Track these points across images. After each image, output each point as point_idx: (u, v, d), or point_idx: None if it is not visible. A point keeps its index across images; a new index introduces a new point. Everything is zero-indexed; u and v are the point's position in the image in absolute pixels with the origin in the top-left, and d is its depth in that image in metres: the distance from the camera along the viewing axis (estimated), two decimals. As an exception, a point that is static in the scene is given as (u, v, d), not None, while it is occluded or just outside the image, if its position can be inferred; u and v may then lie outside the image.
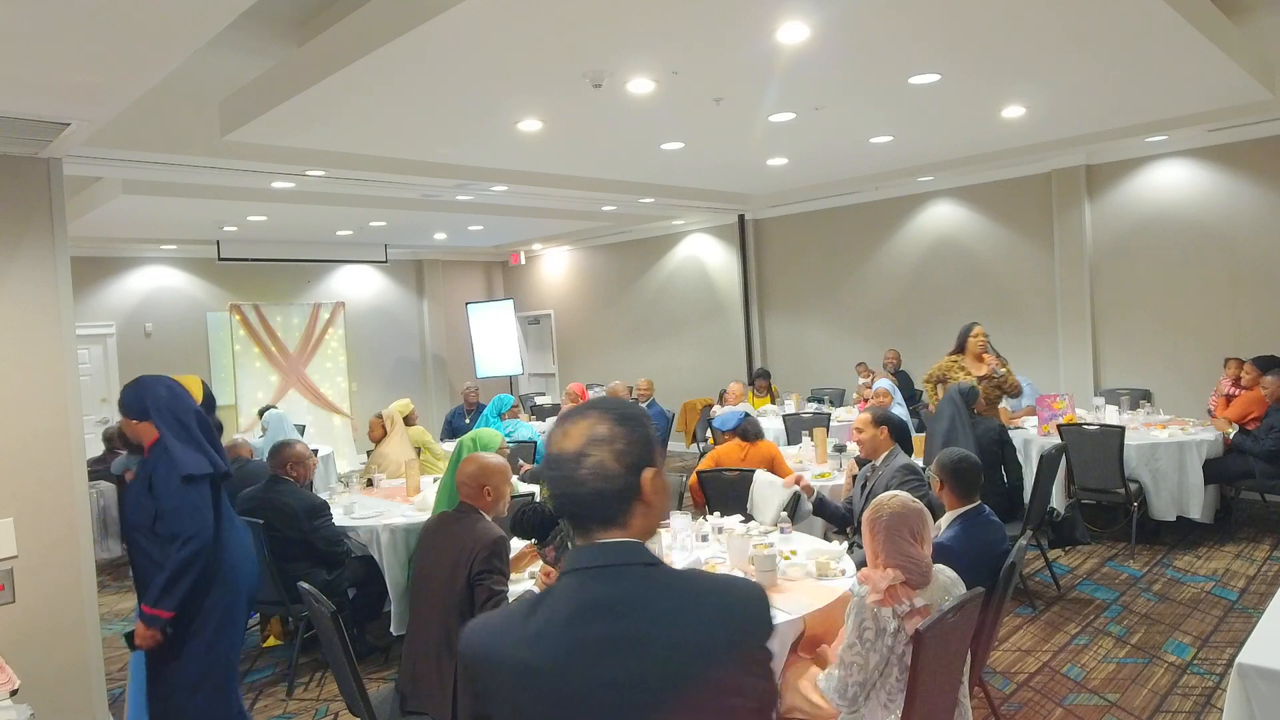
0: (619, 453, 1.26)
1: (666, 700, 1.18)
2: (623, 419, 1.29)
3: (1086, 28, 4.27)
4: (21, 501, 3.32)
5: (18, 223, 3.37)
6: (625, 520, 1.27)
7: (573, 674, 1.20)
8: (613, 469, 1.25)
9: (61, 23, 2.29)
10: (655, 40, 4.05)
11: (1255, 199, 6.98)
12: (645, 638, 1.20)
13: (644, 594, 1.23)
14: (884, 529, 2.49)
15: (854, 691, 2.43)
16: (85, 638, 3.50)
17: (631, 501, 1.27)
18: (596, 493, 1.25)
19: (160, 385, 3.12)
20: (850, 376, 9.35)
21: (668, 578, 1.27)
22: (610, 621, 1.21)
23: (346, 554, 4.57)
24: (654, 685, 1.19)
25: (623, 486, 1.26)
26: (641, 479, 1.27)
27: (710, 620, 1.22)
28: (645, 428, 1.30)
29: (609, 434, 1.26)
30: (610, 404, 1.32)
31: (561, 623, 1.22)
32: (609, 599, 1.22)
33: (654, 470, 1.28)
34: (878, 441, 4.25)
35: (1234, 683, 1.97)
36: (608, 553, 1.26)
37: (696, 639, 1.20)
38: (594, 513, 1.27)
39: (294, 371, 11.08)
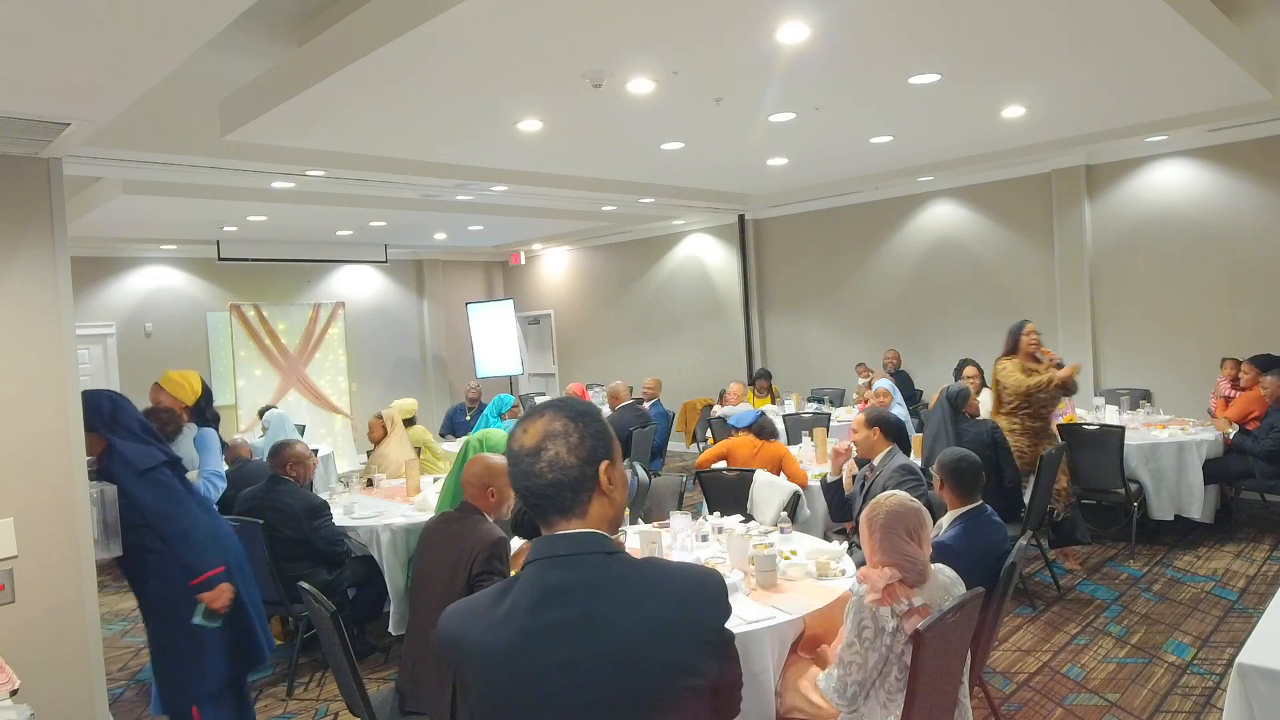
0: (573, 446, 1.34)
1: (618, 680, 1.26)
2: (577, 416, 1.37)
3: (1086, 28, 4.27)
4: (21, 501, 3.31)
5: (18, 223, 3.37)
6: (583, 510, 1.35)
7: (530, 656, 1.28)
8: (568, 461, 1.33)
9: (61, 23, 2.29)
10: (655, 40, 4.05)
11: (1255, 199, 6.98)
12: (599, 621, 1.27)
13: (600, 580, 1.30)
14: (880, 527, 2.50)
15: (853, 690, 2.43)
16: (85, 638, 3.50)
17: (588, 492, 1.35)
18: (554, 484, 1.33)
19: (102, 398, 3.31)
20: (850, 376, 9.35)
21: (624, 565, 1.34)
22: (566, 606, 1.28)
23: (346, 554, 4.57)
24: (606, 666, 1.26)
25: (578, 477, 1.34)
26: (598, 471, 1.35)
27: (663, 604, 1.29)
28: (599, 424, 1.39)
29: (563, 429, 1.35)
30: (565, 403, 1.41)
31: (523, 609, 1.30)
32: (566, 585, 1.30)
33: (609, 463, 1.36)
34: (872, 442, 4.27)
35: (1234, 683, 1.97)
36: (566, 542, 1.34)
37: (649, 622, 1.27)
38: (552, 504, 1.35)
39: (294, 371, 11.08)
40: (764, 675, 2.76)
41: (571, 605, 1.29)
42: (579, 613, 1.29)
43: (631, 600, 1.30)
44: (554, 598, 1.30)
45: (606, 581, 1.31)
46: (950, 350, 8.57)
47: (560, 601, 1.30)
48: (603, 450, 1.37)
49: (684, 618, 1.30)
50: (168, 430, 3.72)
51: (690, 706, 1.30)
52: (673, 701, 1.28)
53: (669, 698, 1.28)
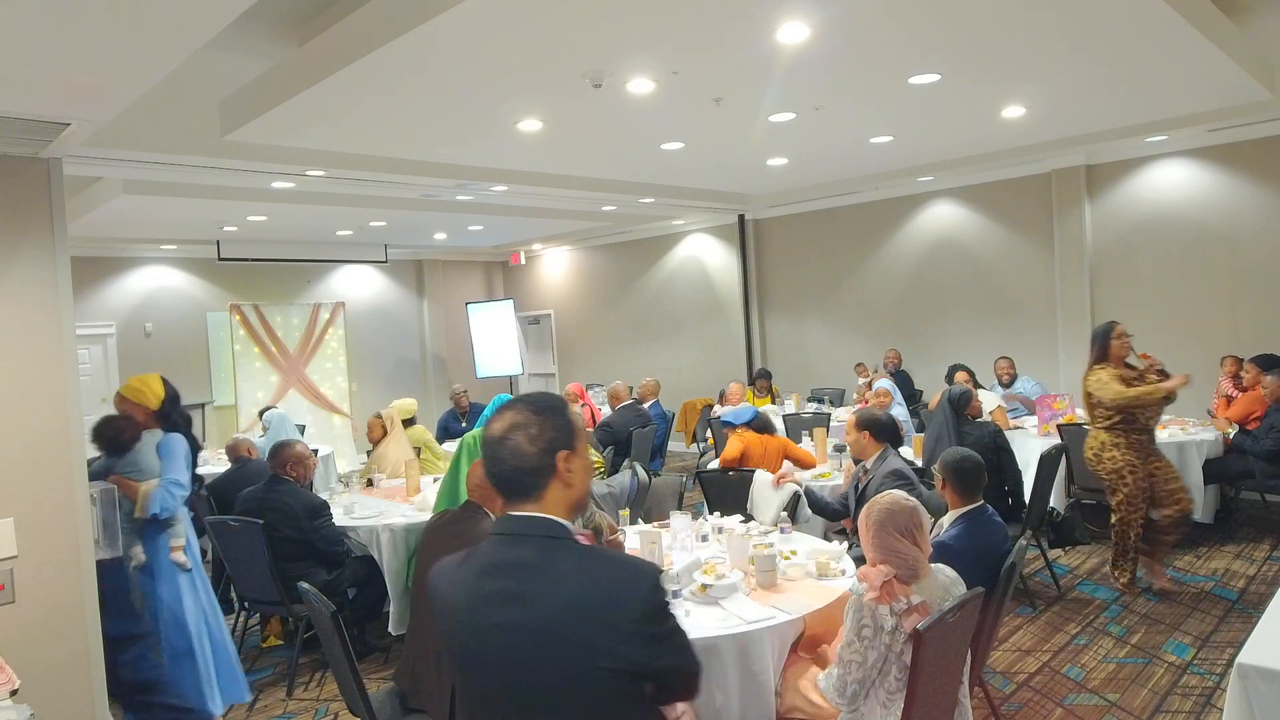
0: (533, 437, 1.52)
1: (540, 651, 1.44)
2: (540, 410, 1.55)
3: (1086, 28, 4.27)
4: (21, 501, 3.32)
5: (18, 223, 3.37)
6: (540, 495, 1.53)
7: (476, 615, 1.50)
8: (527, 450, 1.51)
9: (61, 23, 2.29)
10: (655, 40, 4.05)
11: (1255, 199, 6.98)
12: (530, 596, 1.46)
13: (538, 560, 1.48)
14: (874, 525, 2.53)
15: (853, 689, 2.43)
16: (85, 638, 3.50)
17: (545, 478, 1.52)
18: (514, 469, 1.52)
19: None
20: (850, 376, 9.35)
21: (564, 549, 1.50)
22: (506, 578, 1.49)
23: (346, 554, 4.57)
24: (532, 637, 1.45)
25: (537, 465, 1.51)
26: (555, 460, 1.52)
27: (588, 589, 1.45)
28: (561, 417, 1.55)
29: (525, 421, 1.53)
30: (533, 398, 1.59)
31: (475, 573, 1.53)
32: (510, 560, 1.51)
33: (568, 453, 1.53)
34: (863, 445, 4.29)
35: (1234, 683, 1.97)
36: (519, 523, 1.53)
37: (571, 603, 1.43)
38: (513, 487, 1.53)
39: (294, 371, 11.08)
40: (764, 675, 2.76)
41: (511, 578, 1.48)
42: (515, 586, 1.47)
43: (561, 581, 1.46)
44: (498, 569, 1.50)
45: (544, 562, 1.48)
46: (950, 350, 8.59)
47: (503, 574, 1.49)
48: (561, 441, 1.53)
49: (605, 604, 1.43)
50: (124, 439, 3.65)
51: (611, 687, 1.44)
52: (589, 679, 1.43)
53: (585, 675, 1.43)
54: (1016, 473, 4.99)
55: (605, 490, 4.95)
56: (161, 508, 3.56)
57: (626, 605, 1.44)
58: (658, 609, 1.48)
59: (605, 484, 5.03)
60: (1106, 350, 4.90)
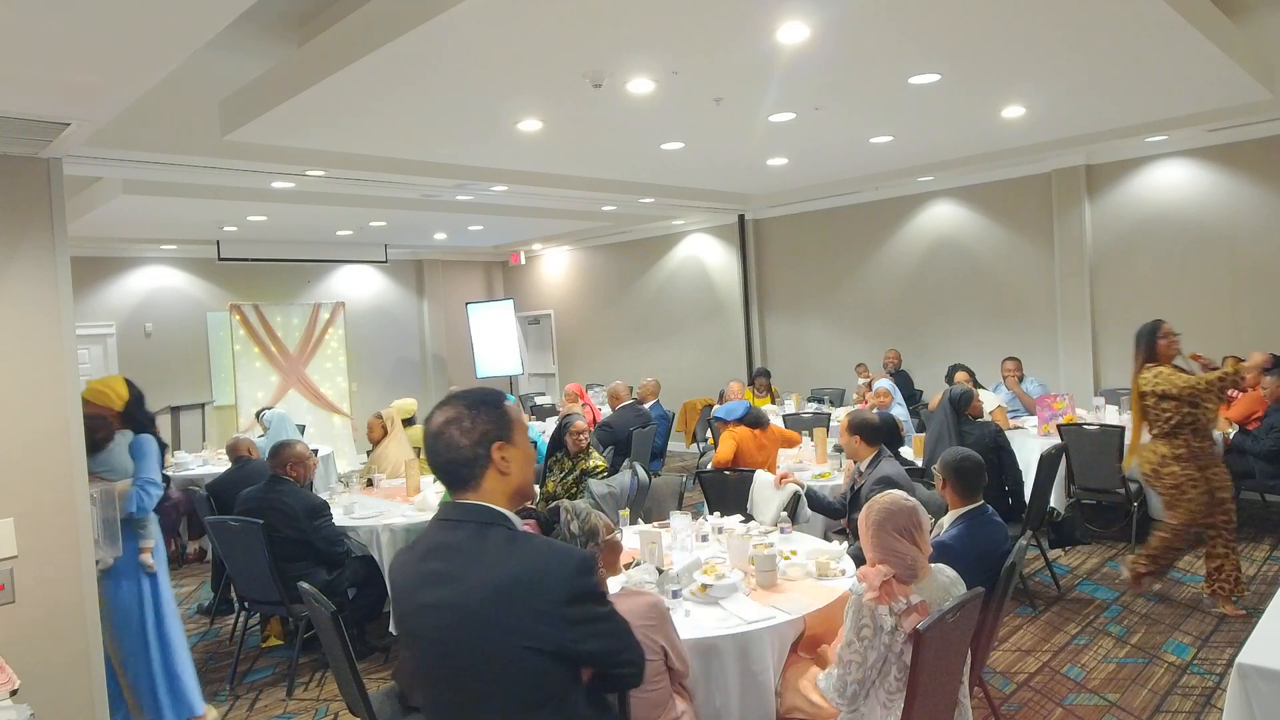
0: (465, 430, 1.62)
1: (464, 629, 1.54)
2: (472, 404, 1.64)
3: (1086, 28, 4.27)
4: (21, 501, 3.31)
5: (18, 223, 3.37)
6: (477, 484, 1.63)
7: (412, 594, 1.62)
8: (460, 443, 1.61)
9: (61, 23, 2.29)
10: (655, 40, 4.05)
11: (1255, 199, 6.98)
12: (458, 577, 1.56)
13: (469, 545, 1.58)
14: (873, 525, 2.53)
15: (853, 689, 2.43)
16: (85, 638, 3.50)
17: (481, 469, 1.62)
18: (449, 461, 1.62)
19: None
20: (850, 376, 9.35)
21: (494, 535, 1.59)
22: (440, 560, 1.60)
23: (347, 554, 4.57)
24: (457, 615, 1.54)
25: (470, 457, 1.61)
26: (490, 451, 1.62)
27: (510, 572, 1.53)
28: (495, 410, 1.65)
29: (458, 416, 1.63)
30: (467, 393, 1.68)
31: (416, 557, 1.65)
32: (445, 543, 1.61)
33: (502, 443, 1.63)
34: (855, 447, 4.30)
35: (1234, 683, 1.97)
36: (456, 510, 1.64)
37: (493, 585, 1.52)
38: (450, 478, 1.64)
39: (294, 371, 11.08)
40: (764, 675, 2.76)
41: (443, 560, 1.59)
42: (446, 567, 1.58)
43: (487, 565, 1.55)
44: (435, 552, 1.62)
45: (473, 547, 1.58)
46: (950, 350, 8.59)
47: (437, 556, 1.61)
48: (495, 433, 1.63)
49: (524, 587, 1.52)
50: (97, 438, 3.65)
51: (534, 666, 1.52)
52: (512, 658, 1.51)
53: (508, 654, 1.52)
54: (1017, 472, 4.98)
55: (605, 490, 4.95)
56: (138, 507, 3.61)
57: (548, 588, 1.52)
58: (582, 593, 1.55)
59: (605, 484, 5.02)
60: (1154, 349, 4.59)
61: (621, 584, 3.08)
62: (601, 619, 1.59)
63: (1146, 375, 4.51)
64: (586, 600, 1.56)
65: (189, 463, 7.52)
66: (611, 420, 7.55)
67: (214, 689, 4.38)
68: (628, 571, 3.21)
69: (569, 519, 2.56)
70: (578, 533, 2.53)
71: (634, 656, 1.66)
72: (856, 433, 4.28)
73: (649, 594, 2.62)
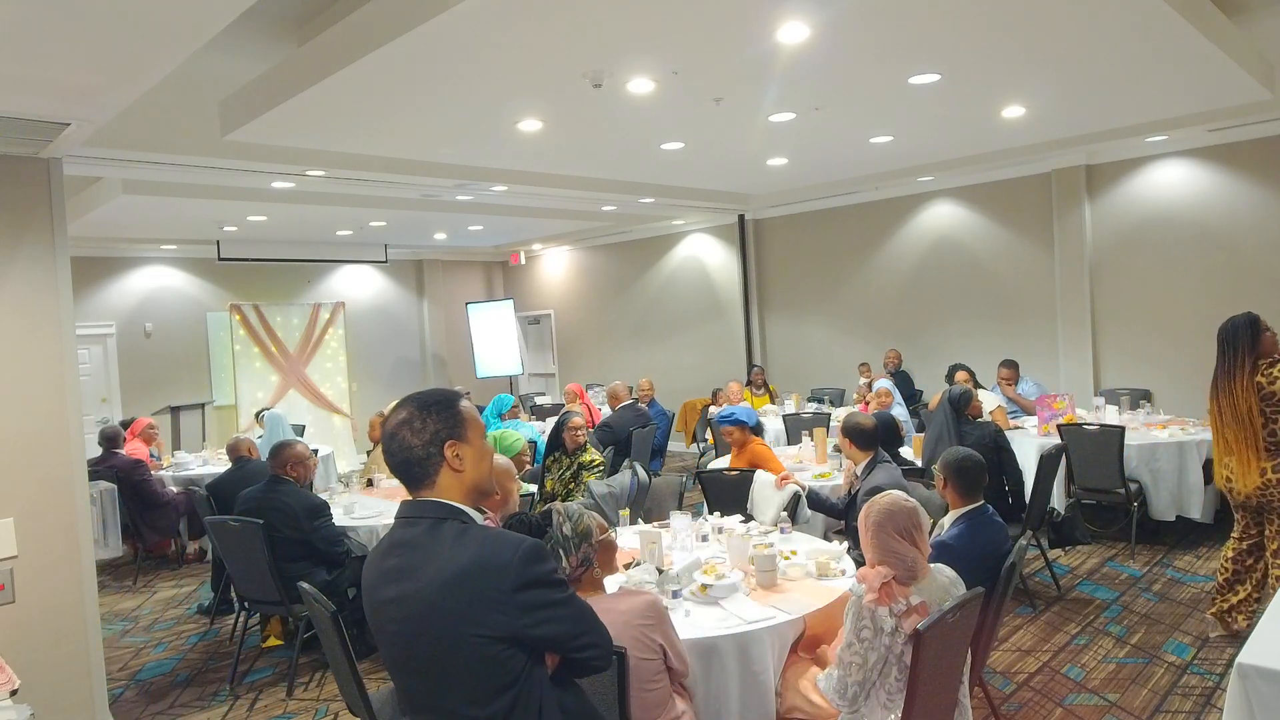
0: (416, 430, 1.67)
1: (421, 620, 1.59)
2: (424, 406, 1.69)
3: (1086, 28, 4.27)
4: (21, 501, 3.32)
5: (18, 223, 3.37)
6: (432, 482, 1.69)
7: (376, 590, 1.68)
8: (412, 443, 1.67)
9: (62, 23, 2.29)
10: (655, 40, 4.05)
11: (1255, 199, 6.98)
12: (414, 571, 1.61)
13: (423, 540, 1.64)
14: (873, 526, 2.53)
15: (853, 691, 2.43)
16: (85, 638, 3.50)
17: (435, 468, 1.68)
18: (404, 461, 1.68)
19: None
20: (850, 376, 9.35)
21: (447, 530, 1.64)
22: (399, 556, 1.66)
23: (347, 554, 4.57)
24: (414, 607, 1.60)
25: (422, 456, 1.67)
26: (442, 450, 1.67)
27: (460, 563, 1.58)
28: (446, 410, 1.69)
29: (409, 417, 1.68)
30: (420, 395, 1.73)
31: (379, 553, 1.72)
32: (403, 540, 1.68)
33: (454, 442, 1.68)
34: (849, 451, 4.30)
35: (1234, 683, 1.97)
36: (413, 507, 1.70)
37: (445, 576, 1.57)
38: (406, 477, 1.70)
39: (294, 371, 11.08)
40: (764, 675, 2.76)
41: (400, 556, 1.65)
42: (404, 563, 1.64)
43: (440, 558, 1.60)
44: (394, 549, 1.68)
45: (428, 541, 1.64)
46: (950, 350, 8.59)
47: (395, 552, 1.67)
48: (446, 433, 1.68)
49: (473, 577, 1.57)
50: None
51: (488, 654, 1.57)
52: (465, 646, 1.57)
53: (461, 643, 1.57)
54: (1017, 472, 4.98)
55: (605, 490, 4.95)
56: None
57: (495, 575, 1.57)
58: (531, 579, 1.59)
59: (605, 484, 5.02)
60: (1258, 344, 3.90)
61: (621, 584, 3.08)
62: (554, 604, 1.63)
63: (1274, 372, 3.81)
64: (536, 586, 1.60)
65: (189, 463, 7.52)
66: (611, 420, 7.55)
67: (214, 689, 4.39)
68: (628, 571, 3.21)
69: (561, 521, 2.56)
70: (571, 534, 2.52)
71: (595, 639, 1.70)
72: (848, 436, 4.28)
73: (648, 593, 2.62)
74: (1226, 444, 3.94)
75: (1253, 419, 3.82)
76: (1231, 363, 3.90)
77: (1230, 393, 3.88)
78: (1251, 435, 3.84)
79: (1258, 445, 3.83)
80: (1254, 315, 3.95)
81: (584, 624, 1.69)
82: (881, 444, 4.40)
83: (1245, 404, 3.83)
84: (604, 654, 1.74)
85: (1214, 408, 3.97)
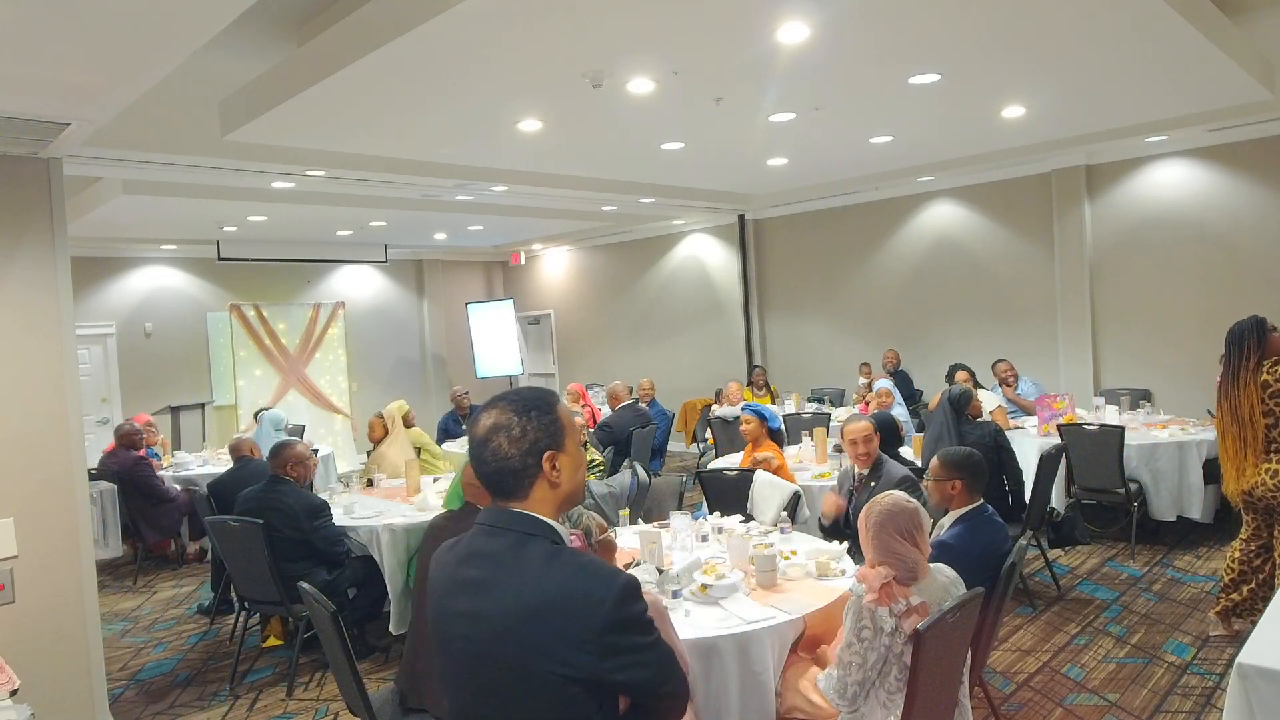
0: (514, 439, 1.51)
1: (495, 644, 1.46)
2: (523, 410, 1.53)
3: (1086, 28, 4.27)
4: (21, 501, 3.32)
5: (18, 223, 3.37)
6: (525, 494, 1.54)
7: (447, 598, 1.55)
8: (509, 452, 1.51)
9: (62, 22, 2.29)
10: (655, 40, 4.05)
11: (1255, 199, 6.98)
12: (495, 589, 1.47)
13: (509, 556, 1.49)
14: (873, 526, 2.53)
15: (853, 691, 2.43)
16: (85, 638, 3.50)
17: (530, 479, 1.53)
18: (497, 471, 1.52)
19: None
20: (850, 376, 9.35)
21: (535, 549, 1.49)
22: (478, 568, 1.52)
23: (347, 554, 4.57)
24: (489, 628, 1.46)
25: (519, 467, 1.52)
26: (540, 460, 1.52)
27: (547, 592, 1.44)
28: (547, 416, 1.54)
29: (507, 423, 1.52)
30: (517, 396, 1.57)
31: (455, 559, 1.57)
32: (484, 551, 1.53)
33: (553, 452, 1.53)
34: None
35: (1234, 683, 1.97)
36: (501, 516, 1.54)
37: (529, 604, 1.43)
38: (497, 487, 1.55)
39: (294, 371, 11.08)
40: (764, 675, 2.76)
41: (480, 568, 1.51)
42: (484, 576, 1.50)
43: (525, 580, 1.46)
44: (474, 559, 1.53)
45: (513, 559, 1.49)
46: (950, 350, 8.59)
47: (475, 563, 1.52)
48: (546, 442, 1.53)
49: (560, 610, 1.42)
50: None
51: (559, 692, 1.43)
52: (538, 680, 1.43)
53: (534, 676, 1.43)
54: (1018, 472, 4.98)
55: (605, 490, 4.95)
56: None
57: (586, 614, 1.42)
58: (623, 621, 1.44)
59: (605, 484, 5.03)
60: (1264, 345, 3.90)
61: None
62: (642, 649, 1.48)
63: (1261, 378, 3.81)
64: (627, 629, 1.45)
65: (189, 463, 7.52)
66: (611, 420, 7.55)
67: (214, 689, 4.39)
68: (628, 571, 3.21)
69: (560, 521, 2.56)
70: None
71: (676, 688, 1.55)
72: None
73: (647, 593, 2.61)
74: (1224, 448, 3.98)
75: (1254, 419, 3.84)
76: (1238, 364, 3.91)
77: (1234, 394, 3.89)
78: (1251, 435, 3.85)
79: (1256, 446, 3.85)
80: (1261, 318, 3.97)
81: (667, 671, 1.53)
82: (882, 445, 4.39)
83: (1248, 404, 3.85)
84: (682, 703, 1.58)
85: (1220, 411, 3.99)
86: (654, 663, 1.50)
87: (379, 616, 4.74)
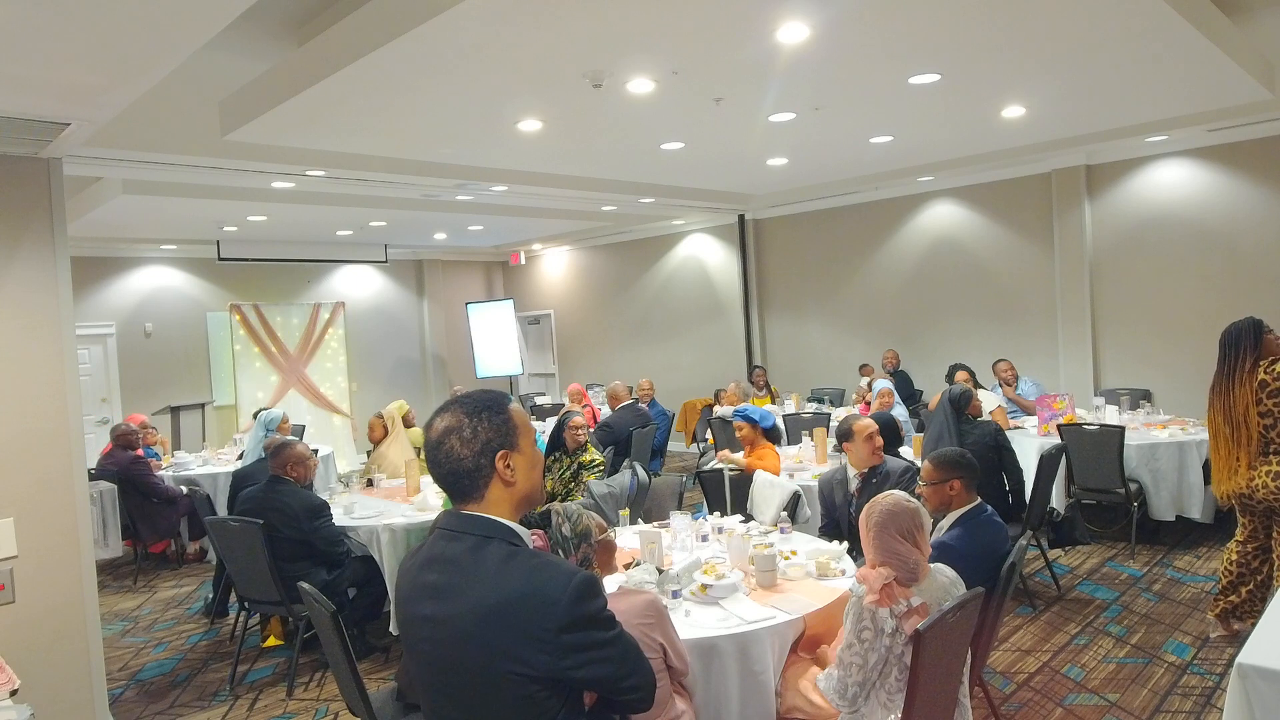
0: (466, 440, 1.54)
1: (457, 646, 1.48)
2: (474, 412, 1.56)
3: (1087, 28, 4.27)
4: (21, 501, 3.32)
5: (18, 223, 3.37)
6: (480, 495, 1.56)
7: (410, 604, 1.58)
8: (461, 454, 1.54)
9: (62, 22, 2.29)
10: (655, 40, 4.05)
11: (1255, 199, 6.98)
12: (454, 592, 1.50)
13: (467, 560, 1.51)
14: (874, 527, 2.52)
15: (854, 691, 2.43)
16: (85, 638, 3.50)
17: (484, 479, 1.55)
18: (451, 473, 1.55)
19: None
20: (850, 376, 9.35)
21: (493, 551, 1.51)
22: (438, 572, 1.54)
23: (347, 554, 4.57)
24: (451, 631, 1.49)
25: (473, 468, 1.54)
26: (493, 461, 1.54)
27: (505, 593, 1.46)
28: (498, 416, 1.56)
29: (459, 424, 1.55)
30: (469, 399, 1.59)
31: (417, 565, 1.60)
32: (444, 555, 1.55)
33: (505, 452, 1.55)
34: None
35: (1234, 683, 1.97)
36: (458, 521, 1.56)
37: (487, 605, 1.45)
38: (452, 489, 1.57)
39: (294, 371, 11.08)
40: (764, 675, 2.76)
41: (440, 573, 1.53)
42: (444, 581, 1.52)
43: (483, 583, 1.48)
44: (434, 564, 1.56)
45: (471, 562, 1.51)
46: (950, 350, 8.59)
47: (435, 568, 1.55)
48: (498, 442, 1.55)
49: (517, 611, 1.44)
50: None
51: (522, 692, 1.45)
52: (501, 682, 1.45)
53: (497, 677, 1.45)
54: (1018, 472, 4.98)
55: (605, 490, 4.95)
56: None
57: (542, 611, 1.44)
58: (581, 619, 1.46)
59: (605, 484, 5.02)
60: (1260, 346, 3.88)
61: (620, 584, 3.08)
62: (602, 644, 1.50)
63: (1277, 369, 3.77)
64: (585, 627, 1.47)
65: (189, 463, 7.52)
66: (611, 420, 7.55)
67: (214, 689, 4.39)
68: (628, 571, 3.21)
69: (560, 522, 2.56)
70: (570, 535, 2.52)
71: (640, 680, 1.57)
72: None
73: (647, 593, 2.62)
74: (1215, 448, 3.97)
75: (1249, 419, 3.82)
76: (1232, 365, 3.90)
77: (1228, 394, 3.89)
78: (1245, 436, 3.84)
79: (1249, 446, 3.84)
80: (1257, 319, 3.95)
81: (629, 664, 1.55)
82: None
83: (1242, 404, 3.84)
84: (647, 695, 1.61)
85: (1212, 412, 3.97)
86: (615, 658, 1.52)
87: (379, 616, 4.75)
